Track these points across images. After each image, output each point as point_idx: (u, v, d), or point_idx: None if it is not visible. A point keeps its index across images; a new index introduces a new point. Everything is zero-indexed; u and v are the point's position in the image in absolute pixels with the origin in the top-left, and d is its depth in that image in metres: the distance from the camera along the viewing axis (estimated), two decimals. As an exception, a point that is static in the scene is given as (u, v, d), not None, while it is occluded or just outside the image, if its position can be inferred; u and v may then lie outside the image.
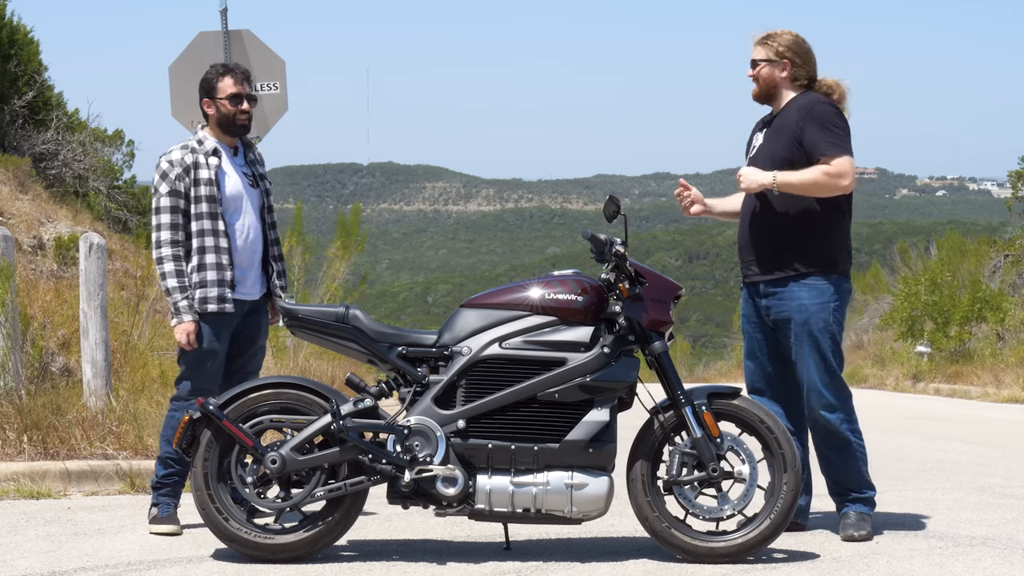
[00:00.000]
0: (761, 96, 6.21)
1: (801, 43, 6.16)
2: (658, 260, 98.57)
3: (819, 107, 6.02)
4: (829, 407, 6.04)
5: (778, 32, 6.17)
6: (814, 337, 6.00)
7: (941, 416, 15.01)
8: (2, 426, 7.94)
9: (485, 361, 5.57)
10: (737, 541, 5.55)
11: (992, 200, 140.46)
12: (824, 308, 6.01)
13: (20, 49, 16.36)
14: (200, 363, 6.13)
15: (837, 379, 6.05)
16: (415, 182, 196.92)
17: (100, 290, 8.61)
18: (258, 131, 9.81)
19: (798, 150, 6.01)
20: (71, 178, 16.70)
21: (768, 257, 6.10)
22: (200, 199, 6.10)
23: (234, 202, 6.17)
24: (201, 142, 6.20)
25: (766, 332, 6.18)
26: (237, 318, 6.19)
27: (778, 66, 6.12)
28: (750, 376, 6.28)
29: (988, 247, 25.86)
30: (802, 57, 6.14)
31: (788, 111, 6.11)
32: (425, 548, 5.85)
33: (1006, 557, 5.61)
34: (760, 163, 6.12)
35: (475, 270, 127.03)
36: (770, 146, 6.12)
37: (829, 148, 5.96)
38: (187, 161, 6.12)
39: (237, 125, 6.22)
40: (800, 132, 6.00)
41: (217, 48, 9.65)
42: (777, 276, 6.07)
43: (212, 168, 6.12)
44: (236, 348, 6.27)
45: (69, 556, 5.67)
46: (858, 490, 6.10)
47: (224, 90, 6.19)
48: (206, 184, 6.10)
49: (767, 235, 6.11)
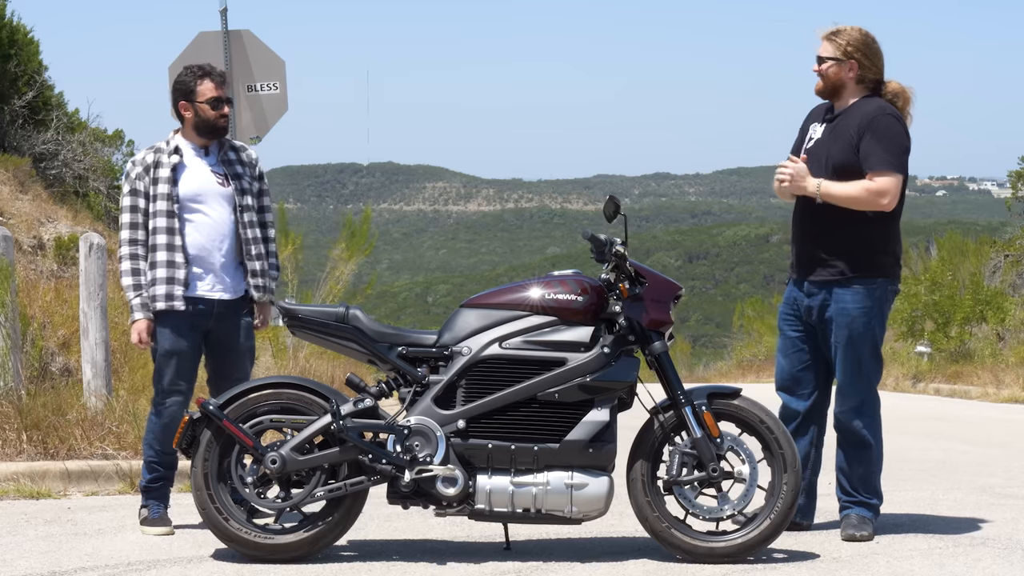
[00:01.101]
0: (826, 93, 6.13)
1: (870, 42, 6.06)
2: (658, 260, 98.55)
3: (882, 119, 5.94)
4: (854, 411, 6.05)
5: (847, 28, 6.07)
6: (853, 342, 6.00)
7: (941, 416, 15.01)
8: (2, 426, 7.94)
9: (485, 361, 5.57)
10: (737, 541, 5.55)
11: (992, 200, 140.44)
12: (866, 313, 5.99)
13: (20, 49, 16.35)
14: (165, 363, 6.11)
15: (868, 384, 6.05)
16: (415, 182, 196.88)
17: (100, 290, 8.61)
18: (258, 131, 9.82)
19: (854, 156, 5.95)
20: (71, 178, 16.68)
21: (815, 258, 6.08)
22: (157, 197, 6.11)
23: (195, 199, 6.13)
24: (168, 142, 6.22)
25: (803, 330, 6.17)
26: (205, 318, 6.13)
27: (845, 65, 6.03)
28: (780, 373, 6.27)
29: (988, 247, 25.87)
30: (870, 57, 6.05)
31: (851, 114, 6.03)
32: (425, 548, 5.85)
33: (1006, 557, 5.61)
34: (816, 159, 6.07)
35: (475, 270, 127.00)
36: (829, 146, 6.06)
37: (879, 164, 5.90)
38: (148, 160, 6.15)
39: (217, 129, 6.21)
40: (858, 140, 5.94)
41: (217, 48, 9.65)
42: (823, 278, 6.05)
43: (169, 165, 6.12)
44: (216, 351, 6.22)
45: (69, 556, 5.67)
46: (865, 494, 6.10)
47: (204, 94, 6.17)
48: (164, 182, 6.11)
49: (816, 236, 6.08)
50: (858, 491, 6.10)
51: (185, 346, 6.11)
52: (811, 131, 6.22)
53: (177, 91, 6.23)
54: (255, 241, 6.27)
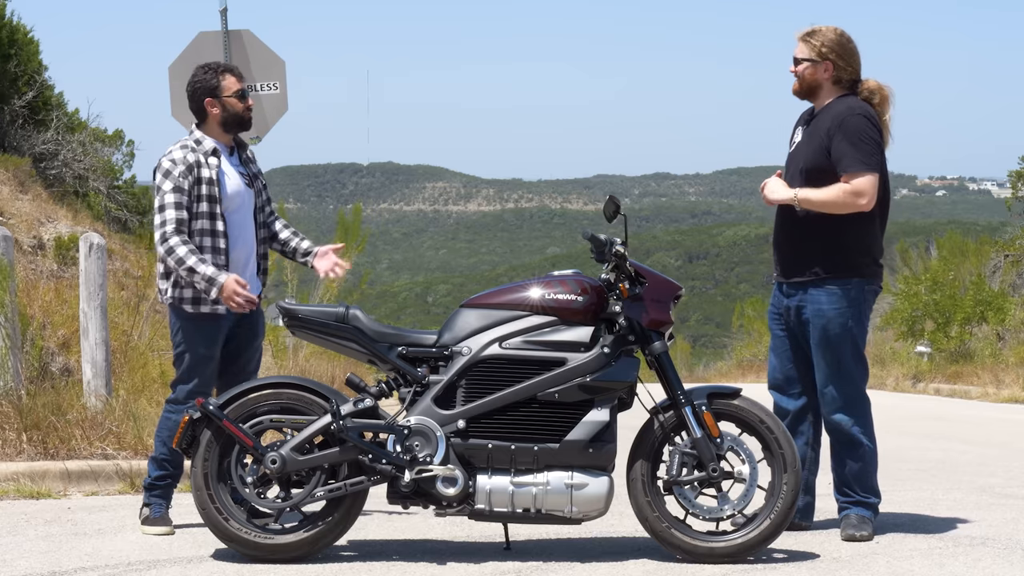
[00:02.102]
0: (802, 93, 6.14)
1: (845, 42, 6.06)
2: (658, 260, 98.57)
3: (851, 119, 5.94)
4: (840, 410, 6.05)
5: (822, 29, 6.07)
6: (831, 342, 6.00)
7: (941, 416, 15.02)
8: (2, 426, 7.94)
9: (485, 361, 5.57)
10: (737, 541, 5.55)
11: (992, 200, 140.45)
12: (842, 314, 5.99)
13: (20, 49, 16.34)
14: (197, 366, 6.11)
15: (851, 384, 6.04)
16: (415, 182, 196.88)
17: (100, 290, 8.61)
18: (258, 131, 9.80)
19: (824, 159, 5.97)
20: (71, 178, 16.67)
21: (792, 259, 6.10)
22: (201, 198, 6.06)
23: (234, 201, 6.15)
24: (199, 141, 6.16)
25: (790, 330, 6.19)
26: (232, 319, 6.15)
27: (820, 66, 6.04)
28: (772, 371, 6.30)
29: (989, 247, 25.87)
30: (845, 58, 6.04)
31: (824, 116, 6.04)
32: (425, 548, 5.85)
33: (1006, 557, 5.61)
34: (795, 163, 6.11)
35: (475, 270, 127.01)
36: (805, 149, 6.08)
37: (852, 165, 5.91)
38: (189, 160, 6.09)
39: (245, 121, 6.24)
40: (829, 142, 5.96)
41: (217, 48, 9.64)
42: (799, 279, 6.06)
43: (213, 168, 6.11)
44: (234, 349, 6.23)
45: (69, 556, 5.67)
46: (863, 494, 6.10)
47: (229, 88, 6.19)
48: (207, 184, 6.08)
49: (793, 238, 6.10)
50: (855, 491, 6.10)
51: (217, 350, 6.13)
52: (794, 135, 6.26)
53: (199, 90, 6.20)
54: (264, 240, 6.34)
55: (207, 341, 6.10)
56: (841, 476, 6.13)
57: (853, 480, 6.10)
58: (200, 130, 6.22)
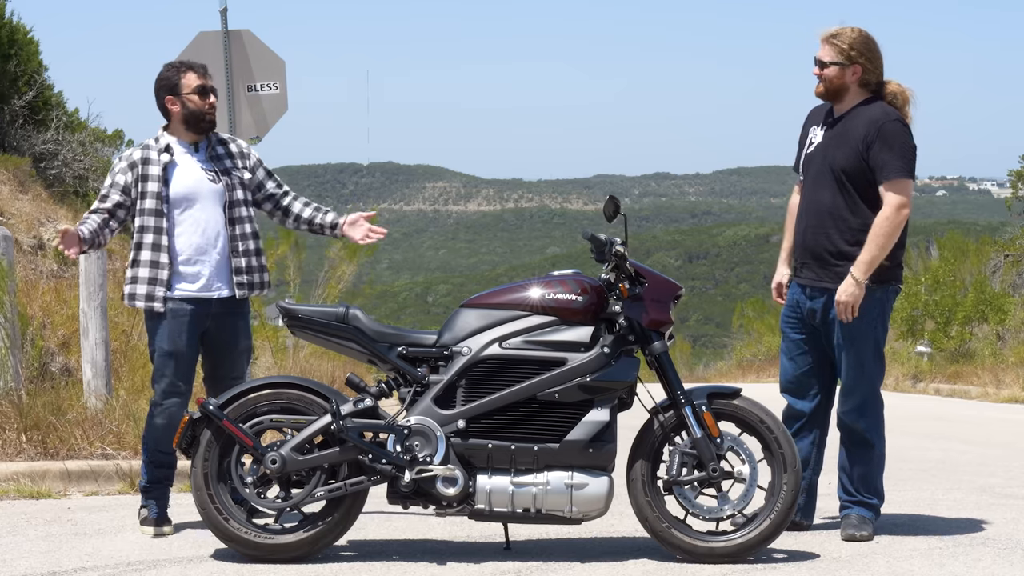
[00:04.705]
0: (827, 96, 6.07)
1: (870, 43, 6.01)
2: (658, 260, 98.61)
3: (890, 125, 5.90)
4: (857, 411, 6.05)
5: (847, 30, 6.01)
6: (855, 343, 5.99)
7: (941, 416, 15.02)
8: (2, 426, 7.93)
9: (485, 361, 5.57)
10: (737, 541, 5.55)
11: (992, 200, 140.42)
12: (868, 315, 5.97)
13: (20, 49, 16.33)
14: (163, 364, 6.08)
15: (869, 384, 6.04)
16: (415, 182, 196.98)
17: (100, 290, 8.61)
18: (258, 131, 9.81)
19: (861, 162, 5.92)
20: (71, 178, 16.67)
21: (819, 262, 6.06)
22: (145, 195, 6.07)
23: (187, 198, 6.10)
24: (157, 139, 6.17)
25: (807, 332, 6.16)
26: (203, 318, 6.10)
27: (848, 69, 5.97)
28: (785, 374, 6.27)
29: (989, 247, 25.87)
30: (872, 60, 6.00)
31: (855, 120, 5.99)
32: (425, 548, 5.85)
33: (1006, 557, 5.61)
34: (818, 163, 6.05)
35: (475, 270, 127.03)
36: (832, 152, 6.01)
37: (895, 172, 5.87)
38: (135, 157, 6.11)
39: (206, 120, 6.16)
40: (866, 148, 5.91)
41: (217, 48, 9.64)
42: (828, 286, 6.02)
43: (160, 164, 6.09)
44: (215, 351, 6.20)
45: (69, 556, 5.67)
46: (866, 494, 6.10)
47: (189, 85, 6.13)
48: (153, 180, 6.07)
49: (819, 240, 6.05)
50: (859, 491, 6.10)
51: (183, 346, 6.08)
52: (811, 135, 6.20)
53: (161, 88, 6.17)
54: (242, 238, 6.19)
55: (167, 337, 6.06)
56: (848, 476, 6.13)
57: (859, 480, 6.10)
58: (167, 130, 6.21)
